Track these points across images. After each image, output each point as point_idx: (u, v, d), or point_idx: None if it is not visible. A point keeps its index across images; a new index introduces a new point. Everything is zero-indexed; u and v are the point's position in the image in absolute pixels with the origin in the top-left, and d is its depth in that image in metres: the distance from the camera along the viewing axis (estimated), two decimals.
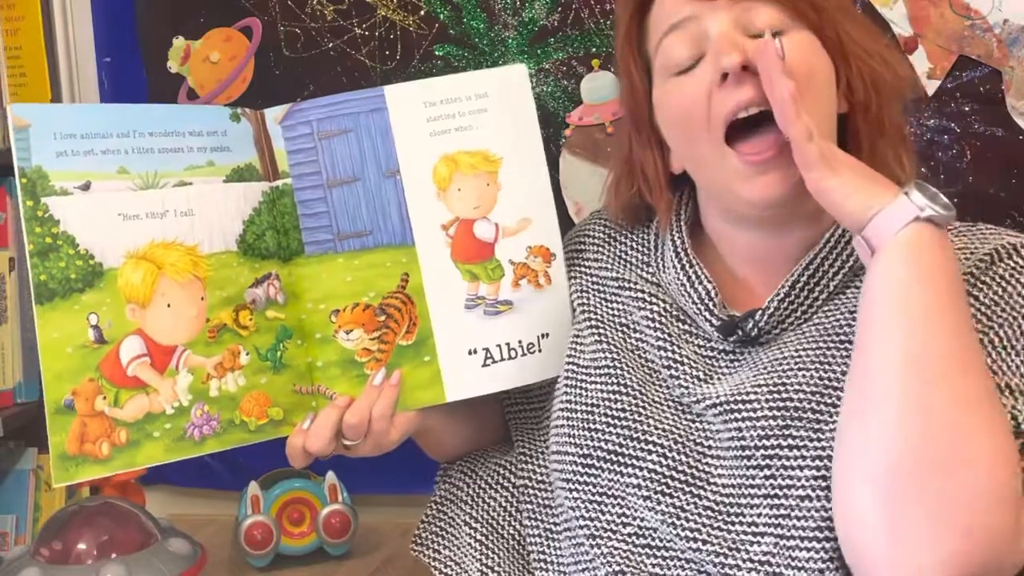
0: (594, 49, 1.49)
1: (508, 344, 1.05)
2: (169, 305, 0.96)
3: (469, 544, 1.09)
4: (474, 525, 1.10)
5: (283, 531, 1.47)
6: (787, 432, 0.90)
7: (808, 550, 0.88)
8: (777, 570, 0.89)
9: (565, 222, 1.14)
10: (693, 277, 1.00)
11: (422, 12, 1.54)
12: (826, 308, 0.96)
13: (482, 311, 1.04)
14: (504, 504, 1.10)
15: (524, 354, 1.05)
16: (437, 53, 1.54)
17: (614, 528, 0.96)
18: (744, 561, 0.90)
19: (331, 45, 1.58)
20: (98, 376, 0.93)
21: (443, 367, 1.03)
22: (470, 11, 1.52)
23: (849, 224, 0.87)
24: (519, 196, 1.06)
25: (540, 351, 1.06)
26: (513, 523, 1.09)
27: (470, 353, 1.03)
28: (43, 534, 1.24)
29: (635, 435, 0.96)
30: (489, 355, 1.03)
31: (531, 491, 1.07)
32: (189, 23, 1.62)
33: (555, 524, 1.04)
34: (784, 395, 0.92)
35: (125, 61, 1.66)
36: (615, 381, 0.99)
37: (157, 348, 0.96)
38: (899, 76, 0.98)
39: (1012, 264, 0.94)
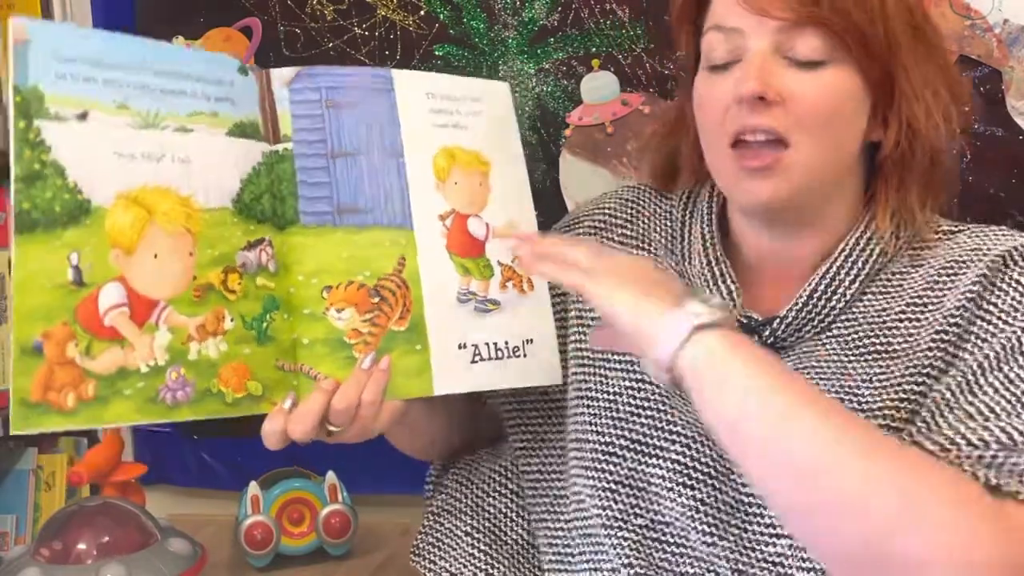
0: (594, 49, 1.49)
1: (495, 344, 1.03)
2: (156, 256, 0.90)
3: (471, 554, 1.08)
4: (475, 535, 1.09)
5: (283, 531, 1.48)
6: None
7: None
8: (788, 571, 0.89)
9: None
10: (718, 274, 1.00)
11: (422, 12, 1.54)
12: (844, 317, 0.96)
13: (473, 306, 1.03)
14: (505, 511, 1.10)
15: (510, 356, 1.04)
16: (437, 53, 1.54)
17: (625, 518, 0.96)
18: (758, 560, 0.90)
19: (331, 45, 1.58)
20: (72, 321, 0.86)
21: (433, 358, 1.00)
22: (470, 11, 1.52)
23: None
24: (506, 202, 1.06)
25: (525, 356, 1.04)
26: (516, 528, 1.09)
27: (460, 347, 1.01)
28: (43, 534, 1.24)
29: (660, 424, 0.96)
30: (477, 352, 1.02)
31: (543, 483, 1.06)
32: (189, 23, 1.62)
33: (565, 512, 1.03)
34: None
35: None
36: (637, 370, 0.99)
37: (138, 299, 0.89)
38: (938, 132, 0.95)
39: None
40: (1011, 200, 1.34)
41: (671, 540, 0.94)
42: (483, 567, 1.07)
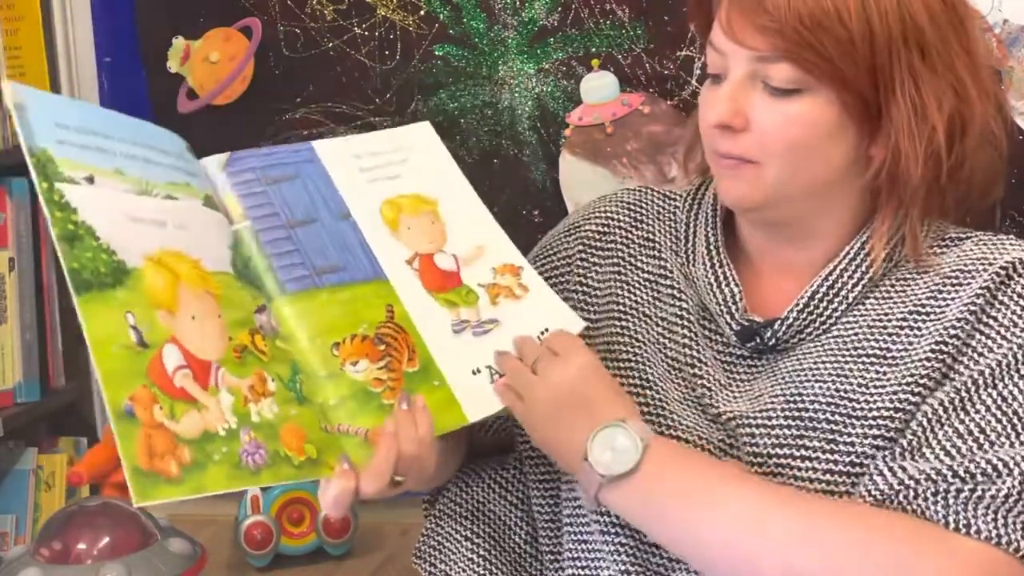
0: (594, 49, 1.49)
1: None
2: (193, 317, 0.88)
3: (470, 558, 1.08)
4: (475, 540, 1.09)
5: (283, 531, 1.48)
6: (800, 442, 0.91)
7: None
8: None
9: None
10: (721, 277, 1.00)
11: (422, 12, 1.54)
12: (845, 319, 0.96)
13: (471, 333, 1.01)
14: (504, 519, 1.10)
15: None
16: (437, 53, 1.54)
17: (623, 524, 0.95)
18: None
19: (331, 45, 1.58)
20: (149, 383, 0.84)
21: (454, 389, 0.98)
22: (470, 11, 1.52)
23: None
24: (466, 229, 1.04)
25: None
26: (515, 536, 1.09)
27: (474, 373, 0.99)
28: (43, 534, 1.24)
29: (659, 430, 0.95)
30: (493, 371, 0.99)
31: (552, 487, 1.05)
32: (189, 23, 1.62)
33: (565, 519, 1.03)
34: (800, 405, 0.92)
35: (125, 61, 1.66)
36: (637, 375, 0.99)
37: (195, 361, 0.87)
38: (928, 157, 0.93)
39: None
40: (1011, 200, 1.33)
41: None
42: (482, 572, 1.07)
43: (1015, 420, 0.86)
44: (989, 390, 0.88)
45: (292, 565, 1.48)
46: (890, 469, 0.87)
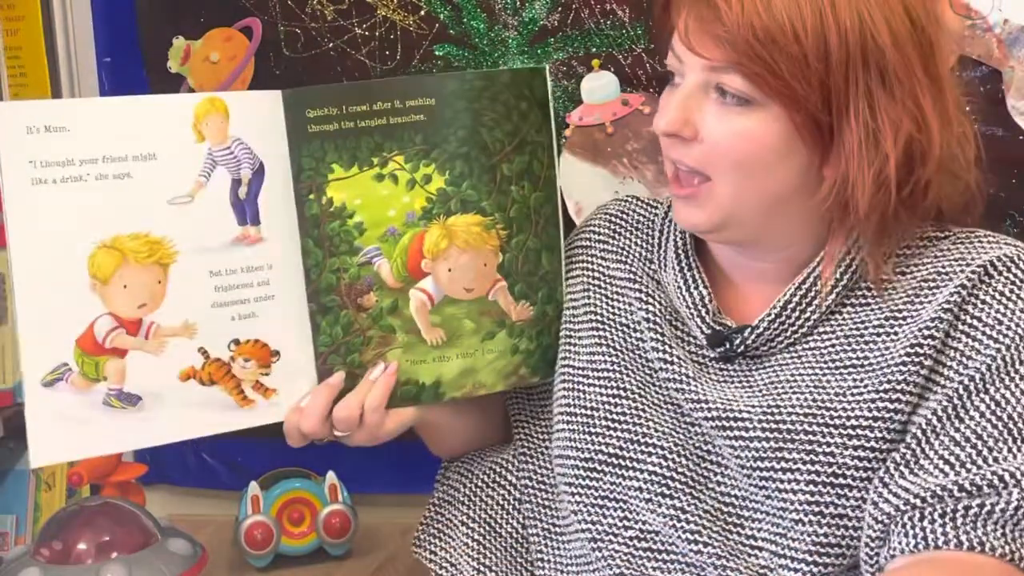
0: (594, 49, 1.49)
1: None
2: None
3: (466, 544, 1.09)
4: (471, 525, 1.09)
5: (283, 531, 1.47)
6: (780, 455, 0.91)
7: (796, 571, 0.88)
8: None
9: (566, 222, 1.14)
10: (690, 280, 1.00)
11: (422, 12, 1.54)
12: (821, 329, 0.96)
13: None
14: (502, 503, 1.10)
15: None
16: (437, 53, 1.54)
17: (615, 532, 0.96)
18: (744, 568, 0.90)
19: (331, 45, 1.58)
20: None
21: None
22: (470, 11, 1.52)
23: None
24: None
25: None
26: (511, 521, 1.09)
27: None
28: (43, 534, 1.24)
29: (635, 438, 0.96)
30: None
31: (531, 490, 1.07)
32: (189, 23, 1.62)
33: (555, 524, 1.04)
34: (778, 417, 0.92)
35: (125, 61, 1.66)
36: (615, 384, 0.99)
37: None
38: (876, 188, 0.90)
39: (1011, 277, 0.91)
40: (1011, 200, 1.33)
41: (661, 548, 0.94)
42: (477, 556, 1.07)
43: (1011, 426, 0.86)
44: (982, 395, 0.87)
45: (292, 565, 1.47)
46: (891, 491, 0.86)
